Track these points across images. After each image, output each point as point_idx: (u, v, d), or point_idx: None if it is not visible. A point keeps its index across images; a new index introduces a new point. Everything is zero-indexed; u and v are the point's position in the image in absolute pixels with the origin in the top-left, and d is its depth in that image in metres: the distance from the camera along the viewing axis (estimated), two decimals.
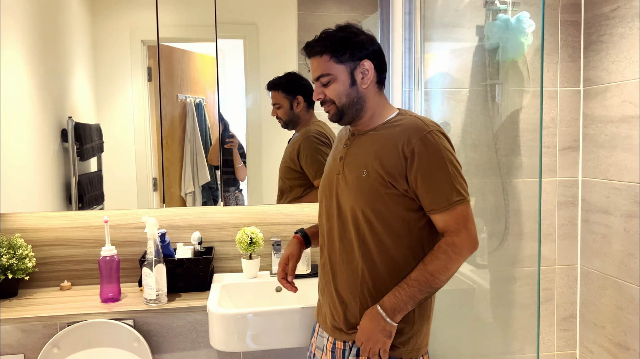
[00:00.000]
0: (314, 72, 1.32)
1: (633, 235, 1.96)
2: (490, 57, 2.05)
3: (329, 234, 1.36)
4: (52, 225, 1.96)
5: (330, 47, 1.28)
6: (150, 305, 1.72)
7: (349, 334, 1.32)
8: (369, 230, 1.27)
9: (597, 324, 2.18)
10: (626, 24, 1.94)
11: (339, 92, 1.29)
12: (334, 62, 1.28)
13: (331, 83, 1.29)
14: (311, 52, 1.31)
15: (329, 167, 1.40)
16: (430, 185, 1.21)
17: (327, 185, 1.37)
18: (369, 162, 1.27)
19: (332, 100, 1.30)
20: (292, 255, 1.48)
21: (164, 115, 1.97)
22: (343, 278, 1.32)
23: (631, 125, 1.94)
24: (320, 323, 1.43)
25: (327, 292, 1.38)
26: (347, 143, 1.36)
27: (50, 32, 1.91)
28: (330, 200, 1.35)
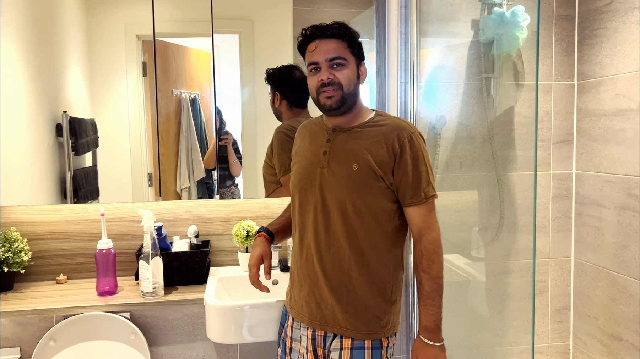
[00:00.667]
0: (327, 53, 1.33)
1: (626, 227, 1.98)
2: (486, 50, 2.06)
3: (312, 226, 1.38)
4: (48, 218, 1.95)
5: (350, 36, 1.35)
6: (147, 298, 1.72)
7: (331, 326, 1.36)
8: (357, 219, 1.33)
9: (591, 316, 2.20)
10: (620, 18, 1.96)
11: (350, 78, 1.35)
12: (349, 51, 1.35)
13: (344, 68, 1.34)
14: (330, 33, 1.33)
15: (308, 161, 1.41)
16: (412, 180, 1.33)
17: (307, 179, 1.39)
18: (359, 156, 1.33)
19: (341, 84, 1.33)
20: (265, 253, 1.49)
21: (159, 110, 1.96)
22: (331, 267, 1.36)
23: (624, 118, 1.96)
24: (294, 315, 1.44)
25: (309, 283, 1.39)
26: (329, 139, 1.39)
27: (44, 26, 1.90)
28: (312, 193, 1.38)
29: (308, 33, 1.36)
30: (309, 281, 1.39)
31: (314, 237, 1.38)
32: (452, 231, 2.11)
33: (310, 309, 1.39)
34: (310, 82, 1.37)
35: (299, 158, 1.45)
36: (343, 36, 1.34)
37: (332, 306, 1.36)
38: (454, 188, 2.11)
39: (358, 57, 1.38)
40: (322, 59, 1.33)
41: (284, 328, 1.49)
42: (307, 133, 1.48)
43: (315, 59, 1.34)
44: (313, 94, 1.38)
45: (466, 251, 2.12)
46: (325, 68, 1.34)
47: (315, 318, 1.38)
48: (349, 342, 1.35)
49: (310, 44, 1.36)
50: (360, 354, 1.34)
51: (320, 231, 1.36)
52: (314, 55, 1.35)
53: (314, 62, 1.35)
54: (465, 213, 2.12)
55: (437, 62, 2.08)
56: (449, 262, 2.12)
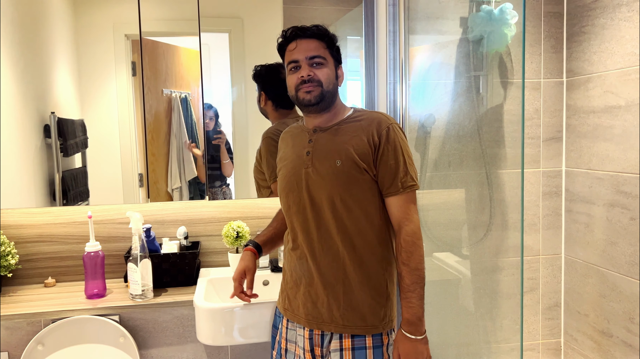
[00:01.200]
0: (308, 51, 1.37)
1: (615, 224, 1.98)
2: (474, 48, 2.06)
3: (304, 226, 1.39)
4: (36, 221, 1.94)
5: (327, 37, 1.40)
6: (136, 300, 1.71)
7: (328, 325, 1.37)
8: (347, 214, 1.35)
9: (581, 313, 2.21)
10: (607, 15, 1.96)
11: (329, 77, 1.39)
12: (328, 52, 1.40)
13: (323, 67, 1.38)
14: (311, 33, 1.38)
15: (292, 164, 1.43)
16: (390, 170, 1.35)
17: (293, 181, 1.41)
18: (342, 152, 1.36)
19: (321, 81, 1.37)
20: (248, 268, 1.51)
21: (149, 110, 1.95)
22: (325, 265, 1.37)
23: (613, 115, 1.96)
24: (289, 317, 1.45)
25: (304, 283, 1.40)
26: (311, 139, 1.41)
27: (31, 26, 1.88)
28: (300, 194, 1.39)
29: (289, 34, 1.40)
30: (305, 281, 1.40)
31: (306, 237, 1.39)
32: (442, 229, 2.11)
33: (307, 309, 1.39)
34: (290, 80, 1.40)
35: (283, 163, 1.47)
36: (323, 37, 1.39)
37: (329, 304, 1.36)
38: (444, 187, 2.11)
39: (336, 60, 1.43)
40: (303, 57, 1.37)
41: (278, 330, 1.49)
42: (289, 138, 1.50)
43: (296, 57, 1.38)
44: (292, 92, 1.41)
45: (456, 249, 2.12)
46: (305, 66, 1.37)
47: (312, 317, 1.38)
48: (349, 342, 1.36)
49: (291, 44, 1.39)
50: (362, 354, 1.35)
51: (312, 231, 1.38)
52: (294, 54, 1.38)
53: (294, 60, 1.38)
54: (455, 211, 2.12)
55: (426, 60, 2.08)
56: (439, 260, 2.12)
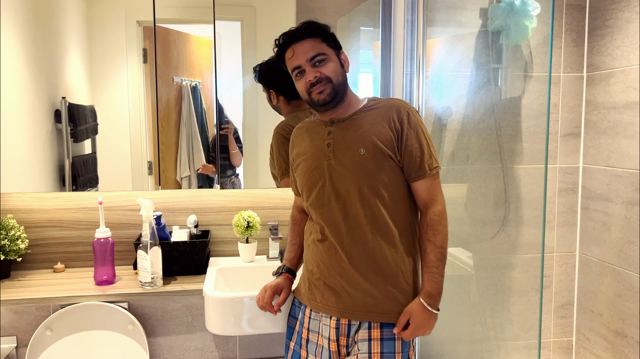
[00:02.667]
0: (306, 53, 1.35)
1: (633, 222, 1.94)
2: (494, 40, 2.02)
3: (330, 219, 1.38)
4: (45, 206, 1.92)
5: (320, 31, 1.37)
6: (146, 288, 1.70)
7: (360, 313, 1.36)
8: (375, 202, 1.35)
9: (595, 312, 2.18)
10: (632, 8, 1.91)
11: (336, 70, 1.37)
12: (325, 44, 1.37)
13: (326, 62, 1.36)
14: (302, 34, 1.36)
15: (313, 157, 1.41)
16: (414, 153, 1.35)
17: (315, 174, 1.40)
18: (365, 140, 1.35)
19: (329, 77, 1.36)
20: (286, 289, 1.50)
21: (159, 97, 1.93)
22: (356, 255, 1.36)
23: (634, 111, 1.92)
24: (314, 307, 1.43)
25: (334, 274, 1.38)
26: (330, 131, 1.40)
27: (43, 11, 1.86)
28: (323, 187, 1.38)
29: (281, 41, 1.38)
30: (334, 271, 1.38)
31: (334, 229, 1.38)
32: (456, 224, 2.08)
33: (339, 299, 1.38)
34: (299, 86, 1.40)
35: (302, 157, 1.44)
36: (315, 33, 1.36)
37: (363, 292, 1.36)
38: (459, 181, 2.08)
39: (336, 48, 1.40)
40: (303, 61, 1.35)
41: (298, 320, 1.48)
42: (304, 134, 1.48)
43: (297, 62, 1.36)
44: (304, 96, 1.40)
45: (470, 244, 2.09)
46: (309, 69, 1.36)
47: (344, 306, 1.37)
48: (378, 332, 1.36)
49: (287, 51, 1.38)
50: (391, 345, 1.35)
51: (340, 222, 1.37)
52: (294, 60, 1.37)
53: (296, 67, 1.37)
54: (469, 206, 2.09)
55: (444, 51, 2.04)
56: (451, 255, 2.09)
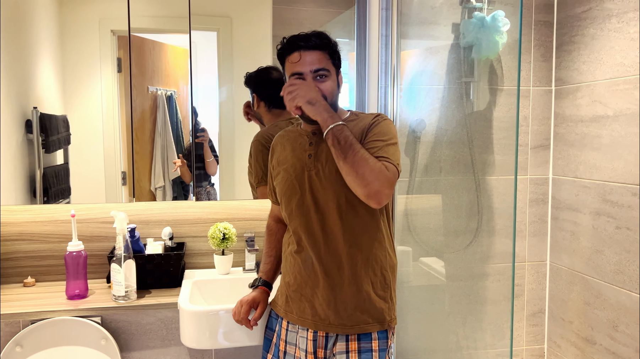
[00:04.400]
0: (313, 64, 1.33)
1: (601, 232, 2.00)
2: (466, 54, 2.06)
3: (308, 229, 1.38)
4: (16, 219, 1.88)
5: (330, 47, 1.37)
6: (119, 302, 1.67)
7: (336, 326, 1.36)
8: (352, 213, 1.35)
9: (565, 320, 2.23)
10: (597, 25, 1.98)
11: (333, 89, 1.37)
12: (331, 62, 1.37)
13: (327, 79, 1.35)
14: (315, 44, 1.34)
15: (293, 167, 1.41)
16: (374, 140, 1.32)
17: (296, 184, 1.40)
18: None
19: (325, 97, 1.34)
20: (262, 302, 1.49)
21: (134, 107, 1.92)
22: (331, 267, 1.36)
23: (600, 124, 1.98)
24: (291, 319, 1.43)
25: (311, 286, 1.39)
26: (312, 142, 1.40)
27: (14, 20, 1.83)
28: (303, 197, 1.39)
29: (289, 44, 1.35)
30: (311, 283, 1.39)
31: (311, 240, 1.38)
32: (430, 234, 2.11)
33: (314, 311, 1.38)
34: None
35: (283, 167, 1.44)
36: (326, 47, 1.35)
37: (336, 305, 1.36)
38: (433, 192, 2.11)
39: (338, 68, 1.40)
40: (307, 70, 1.33)
41: (275, 332, 1.48)
42: (286, 142, 1.48)
43: (299, 69, 1.34)
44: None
45: (444, 254, 2.12)
46: (310, 80, 1.34)
47: (319, 319, 1.38)
48: (356, 344, 1.36)
49: (293, 54, 1.34)
50: (369, 356, 1.36)
51: (317, 233, 1.37)
52: (297, 66, 1.34)
53: (298, 73, 1.34)
54: (443, 217, 2.12)
55: (417, 65, 2.08)
56: (426, 265, 2.12)
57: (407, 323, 2.01)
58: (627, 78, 1.86)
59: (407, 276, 2.07)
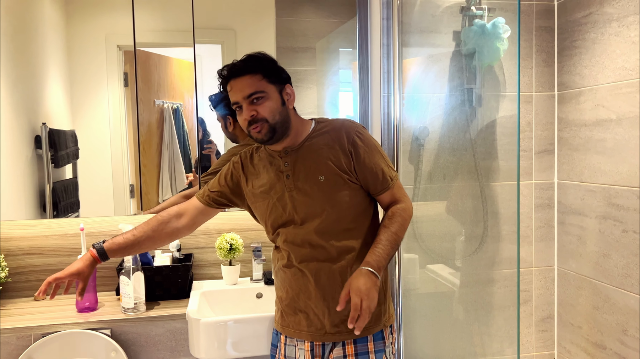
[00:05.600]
0: (243, 91, 1.33)
1: (607, 236, 2.00)
2: (467, 62, 2.08)
3: (294, 245, 1.39)
4: (26, 233, 1.91)
5: (262, 67, 1.35)
6: (128, 314, 1.69)
7: (332, 335, 1.38)
8: (338, 224, 1.37)
9: (574, 325, 2.22)
10: (598, 30, 1.99)
11: (273, 109, 1.35)
12: (266, 81, 1.35)
13: (264, 100, 1.34)
14: (242, 70, 1.34)
15: (273, 189, 1.40)
16: (374, 171, 1.39)
17: (279, 206, 1.40)
18: (322, 167, 1.37)
19: (265, 118, 1.33)
20: (82, 275, 1.42)
21: (140, 120, 1.94)
22: (322, 277, 1.37)
23: (604, 128, 1.98)
24: (289, 334, 1.44)
25: (303, 298, 1.40)
26: (287, 162, 1.40)
27: (23, 37, 1.87)
28: (287, 216, 1.39)
29: (224, 74, 1.37)
30: (303, 296, 1.40)
31: (299, 253, 1.39)
32: (436, 241, 2.11)
33: (310, 322, 1.39)
34: (239, 120, 1.38)
35: (261, 190, 1.43)
36: (254, 70, 1.34)
37: (330, 315, 1.37)
38: (438, 199, 2.11)
39: (279, 83, 1.38)
40: (241, 98, 1.34)
41: (277, 348, 1.48)
42: (259, 163, 1.46)
43: (235, 98, 1.35)
44: (245, 131, 1.38)
45: (450, 261, 2.13)
46: (246, 106, 1.34)
47: (315, 330, 1.39)
48: (352, 348, 1.38)
49: (228, 85, 1.36)
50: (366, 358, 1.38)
51: (305, 246, 1.38)
52: (232, 96, 1.36)
53: (235, 102, 1.36)
54: (448, 223, 2.13)
55: (419, 73, 2.09)
56: (433, 272, 2.12)
57: (415, 331, 2.01)
58: (630, 82, 1.86)
59: (414, 284, 2.08)
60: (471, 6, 2.04)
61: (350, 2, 2.06)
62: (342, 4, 2.08)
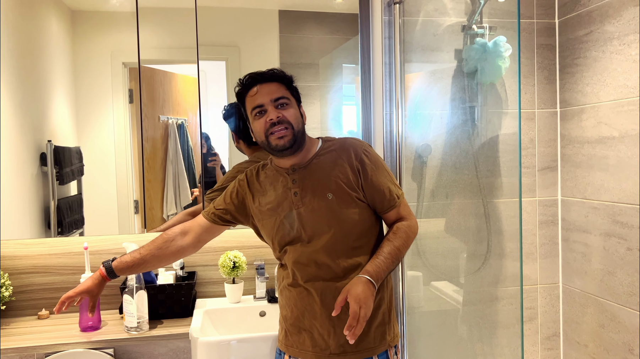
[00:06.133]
0: (271, 94, 1.36)
1: (612, 253, 1.99)
2: (469, 80, 2.09)
3: (301, 263, 1.39)
4: (30, 252, 1.92)
5: (287, 80, 1.42)
6: (131, 333, 1.69)
7: (336, 355, 1.37)
8: (345, 242, 1.37)
9: (580, 343, 2.20)
10: (599, 48, 2.00)
11: (297, 116, 1.39)
12: (289, 92, 1.41)
13: (289, 107, 1.38)
14: (271, 77, 1.38)
15: (281, 207, 1.40)
16: (381, 189, 1.40)
17: (286, 224, 1.40)
18: (330, 185, 1.37)
19: (291, 123, 1.36)
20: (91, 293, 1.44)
21: (145, 136, 1.96)
22: (328, 296, 1.37)
23: (607, 145, 1.98)
24: (292, 353, 1.43)
25: (308, 317, 1.39)
26: (294, 179, 1.40)
27: (29, 55, 1.89)
28: (294, 235, 1.39)
29: (246, 80, 1.39)
30: (308, 315, 1.39)
31: (305, 272, 1.39)
32: (440, 258, 2.11)
33: (314, 342, 1.39)
34: (257, 125, 1.38)
35: (268, 207, 1.43)
36: (282, 79, 1.40)
37: (336, 334, 1.36)
38: (441, 216, 2.11)
39: (297, 99, 1.44)
40: (267, 100, 1.36)
41: None
42: (266, 181, 1.46)
43: (260, 101, 1.36)
44: (261, 137, 1.38)
45: (454, 278, 2.12)
46: (271, 108, 1.36)
47: (320, 350, 1.38)
48: None
49: (251, 89, 1.38)
50: None
51: (311, 265, 1.38)
52: (257, 99, 1.36)
53: (258, 105, 1.36)
54: (452, 241, 2.12)
55: (421, 91, 2.10)
56: (437, 290, 2.11)
57: (419, 350, 2.00)
58: (631, 100, 1.86)
59: (418, 302, 2.07)
60: (472, 25, 2.05)
61: (353, 20, 2.08)
62: (345, 21, 2.10)
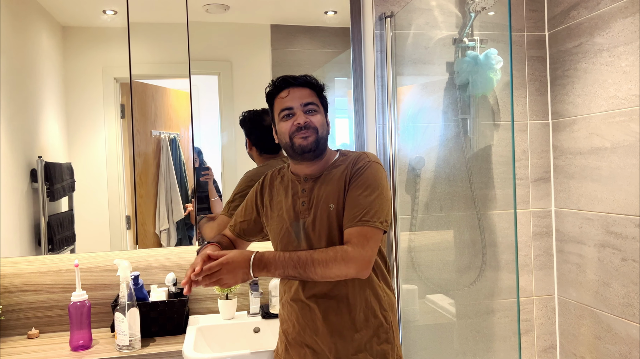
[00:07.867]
0: (302, 98, 1.38)
1: (607, 264, 1.99)
2: (461, 92, 2.09)
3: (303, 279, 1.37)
4: (20, 270, 1.89)
5: (319, 88, 1.43)
6: (123, 352, 1.66)
7: None
8: None
9: (577, 355, 2.19)
10: (589, 60, 2.02)
11: (323, 124, 1.40)
12: (318, 99, 1.42)
13: (317, 114, 1.39)
14: (304, 82, 1.40)
15: (288, 214, 1.41)
16: (354, 202, 1.33)
17: (292, 232, 1.40)
18: (334, 196, 1.37)
19: (317, 129, 1.37)
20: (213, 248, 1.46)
21: (137, 151, 1.94)
22: (329, 311, 1.36)
23: (599, 156, 1.99)
24: None
25: (310, 332, 1.38)
26: (304, 189, 1.41)
27: (19, 71, 1.88)
28: (298, 244, 1.39)
29: (279, 82, 1.40)
30: (309, 330, 1.38)
31: (307, 286, 1.38)
32: (435, 271, 2.10)
33: (316, 357, 1.37)
34: (283, 127, 1.39)
35: (277, 212, 1.45)
36: (314, 86, 1.41)
37: (337, 350, 1.35)
38: (435, 228, 2.11)
39: (325, 108, 1.45)
40: (297, 104, 1.37)
41: None
42: (280, 186, 1.49)
43: (289, 104, 1.37)
44: (285, 139, 1.39)
45: (450, 291, 2.11)
46: (300, 113, 1.37)
47: None
48: None
49: (282, 91, 1.39)
50: None
51: (313, 282, 1.36)
52: (287, 101, 1.38)
53: (287, 108, 1.38)
54: (447, 254, 2.11)
55: (414, 103, 2.11)
56: (432, 303, 2.10)
57: None
58: (622, 111, 1.87)
59: (414, 315, 2.05)
60: (463, 38, 2.07)
61: (345, 34, 2.09)
62: (337, 35, 2.11)
